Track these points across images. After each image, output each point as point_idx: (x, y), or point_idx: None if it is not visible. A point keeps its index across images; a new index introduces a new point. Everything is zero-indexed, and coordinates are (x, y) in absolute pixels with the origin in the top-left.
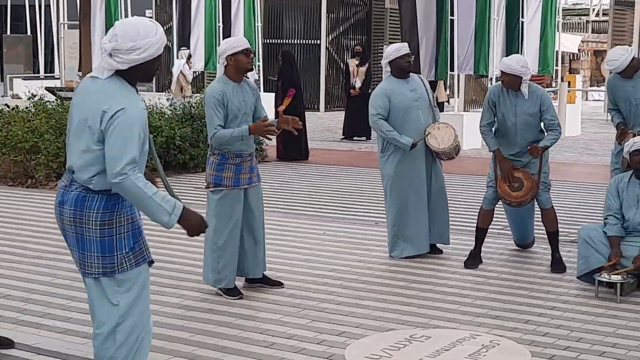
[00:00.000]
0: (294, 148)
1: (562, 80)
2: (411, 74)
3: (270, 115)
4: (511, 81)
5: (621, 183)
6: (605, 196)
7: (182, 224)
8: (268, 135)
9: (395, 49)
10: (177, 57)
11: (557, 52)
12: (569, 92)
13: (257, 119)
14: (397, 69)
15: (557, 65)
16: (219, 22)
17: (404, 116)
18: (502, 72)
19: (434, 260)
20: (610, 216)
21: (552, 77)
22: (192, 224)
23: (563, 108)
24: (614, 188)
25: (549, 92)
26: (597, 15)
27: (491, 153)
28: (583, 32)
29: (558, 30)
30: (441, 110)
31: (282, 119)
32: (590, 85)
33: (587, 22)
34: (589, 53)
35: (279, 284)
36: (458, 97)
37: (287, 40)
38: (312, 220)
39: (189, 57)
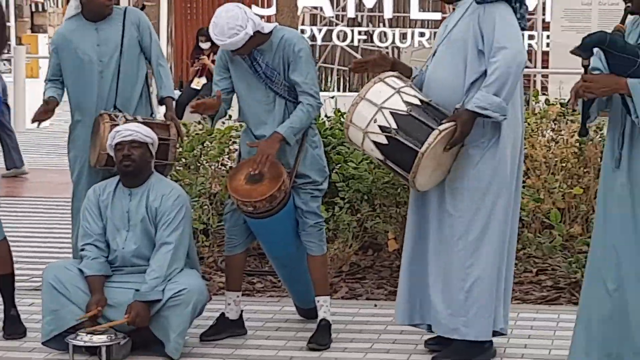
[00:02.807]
0: None
1: (18, 42)
2: None
3: None
4: None
5: (104, 195)
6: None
7: None
8: None
9: None
10: None
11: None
12: (28, 61)
13: None
14: None
15: (9, 21)
16: None
17: None
18: None
19: None
20: (89, 245)
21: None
22: None
23: (21, 86)
24: (94, 204)
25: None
26: None
27: None
28: None
29: None
30: None
31: None
32: None
33: None
34: (62, 2)
35: None
36: None
37: None
38: None
39: None
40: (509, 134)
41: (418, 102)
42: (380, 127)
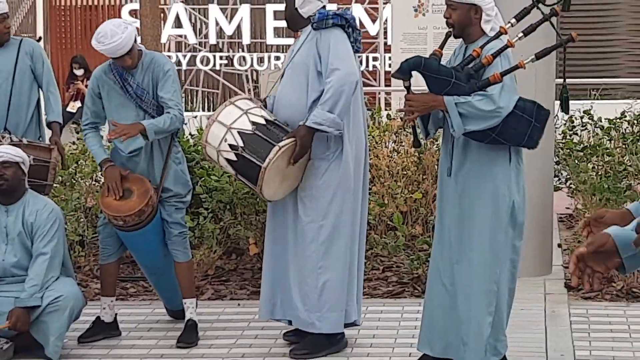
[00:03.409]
0: None
1: None
2: None
3: None
4: None
5: None
6: None
7: None
8: None
9: None
10: None
11: None
12: None
13: None
14: None
15: None
16: None
17: None
18: None
19: None
20: None
21: None
22: None
23: None
24: None
25: None
26: None
27: None
28: None
29: None
30: None
31: None
32: None
33: None
34: None
35: None
36: None
37: None
38: None
39: None
40: (352, 146)
41: (263, 122)
42: (230, 145)
